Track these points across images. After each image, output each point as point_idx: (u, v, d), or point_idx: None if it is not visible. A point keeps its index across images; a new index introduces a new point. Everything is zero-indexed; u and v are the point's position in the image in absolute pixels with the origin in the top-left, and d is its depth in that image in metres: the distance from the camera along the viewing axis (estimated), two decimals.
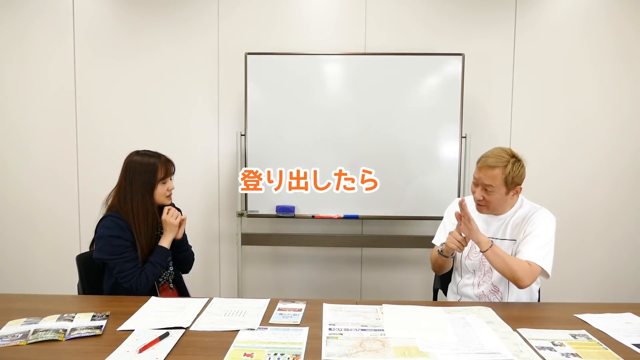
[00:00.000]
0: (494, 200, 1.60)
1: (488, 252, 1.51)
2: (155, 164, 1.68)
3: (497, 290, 1.67)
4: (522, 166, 1.59)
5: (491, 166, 1.57)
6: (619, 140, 2.81)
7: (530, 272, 1.51)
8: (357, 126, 2.63)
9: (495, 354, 1.13)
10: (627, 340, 1.23)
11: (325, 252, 2.90)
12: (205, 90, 2.85)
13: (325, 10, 2.80)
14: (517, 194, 1.64)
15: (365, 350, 1.14)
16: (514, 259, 1.53)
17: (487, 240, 1.53)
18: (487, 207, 1.64)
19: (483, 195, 1.61)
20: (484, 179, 1.58)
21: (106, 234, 1.61)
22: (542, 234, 1.57)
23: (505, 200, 1.63)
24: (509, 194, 1.61)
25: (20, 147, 2.89)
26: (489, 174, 1.57)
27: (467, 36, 2.76)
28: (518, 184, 1.59)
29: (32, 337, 1.22)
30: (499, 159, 1.57)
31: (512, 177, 1.56)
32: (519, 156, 1.61)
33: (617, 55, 2.76)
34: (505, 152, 1.60)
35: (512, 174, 1.55)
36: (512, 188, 1.59)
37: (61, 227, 2.92)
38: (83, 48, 2.84)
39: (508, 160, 1.56)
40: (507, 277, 1.54)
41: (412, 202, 2.64)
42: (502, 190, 1.58)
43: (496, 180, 1.56)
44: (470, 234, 1.53)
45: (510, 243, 1.65)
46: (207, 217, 2.92)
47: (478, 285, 1.71)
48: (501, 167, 1.56)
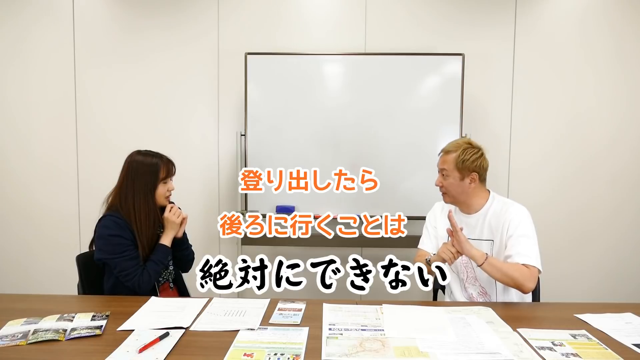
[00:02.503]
0: (450, 185, 1.66)
1: (485, 266, 1.51)
2: (158, 164, 1.69)
3: (485, 293, 1.68)
4: (476, 154, 1.63)
5: (447, 151, 1.68)
6: (618, 139, 2.81)
7: (530, 275, 1.52)
8: (357, 126, 2.63)
9: (495, 354, 1.13)
10: (627, 340, 1.23)
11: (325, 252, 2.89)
12: (205, 90, 2.85)
13: (325, 10, 2.80)
14: (474, 181, 1.64)
15: (365, 350, 1.14)
16: (511, 266, 1.52)
17: (481, 254, 1.52)
18: (447, 194, 1.70)
19: (441, 181, 1.69)
20: (440, 164, 1.70)
21: (106, 233, 1.60)
22: (526, 233, 1.58)
23: (462, 187, 1.65)
24: (464, 180, 1.64)
25: (21, 148, 2.89)
26: (444, 158, 1.68)
27: (467, 36, 2.76)
28: (473, 170, 1.62)
29: (32, 337, 1.22)
30: (455, 145, 1.67)
31: (463, 161, 1.62)
32: (476, 145, 1.67)
33: (616, 55, 2.76)
34: (463, 141, 1.70)
35: (463, 158, 1.62)
36: (467, 174, 1.63)
37: (61, 227, 2.92)
38: (83, 49, 2.84)
39: (461, 146, 1.65)
40: (510, 286, 1.55)
41: (412, 202, 2.64)
42: (455, 174, 1.64)
43: (450, 164, 1.65)
44: (463, 249, 1.51)
45: (488, 243, 1.65)
46: (207, 217, 2.92)
47: (465, 289, 1.72)
48: (455, 151, 1.65)
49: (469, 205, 1.69)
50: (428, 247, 1.78)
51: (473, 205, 1.69)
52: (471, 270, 1.69)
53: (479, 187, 1.67)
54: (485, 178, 1.69)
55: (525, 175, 2.84)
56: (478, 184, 1.65)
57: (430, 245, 1.79)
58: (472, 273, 1.68)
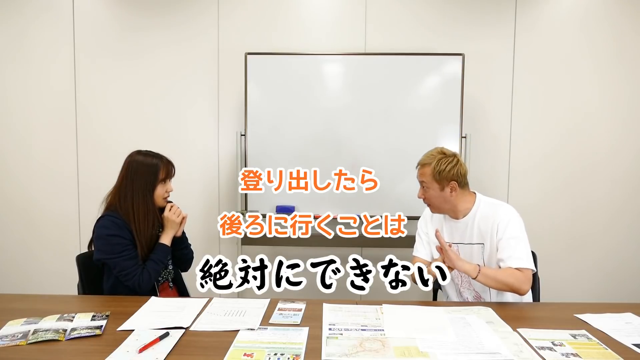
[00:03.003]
0: (432, 197, 1.67)
1: (479, 278, 1.51)
2: (158, 165, 1.69)
3: (480, 297, 1.68)
4: (451, 162, 1.62)
5: (422, 164, 1.68)
6: (618, 139, 2.81)
7: (525, 278, 1.52)
8: (357, 126, 2.63)
9: (495, 354, 1.13)
10: (627, 340, 1.23)
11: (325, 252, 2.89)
12: (205, 90, 2.85)
13: (325, 10, 2.80)
14: (454, 190, 1.64)
15: (365, 350, 1.14)
16: (505, 272, 1.53)
17: (473, 267, 1.51)
18: (431, 205, 1.70)
19: (422, 193, 1.70)
20: (419, 177, 1.70)
21: (104, 234, 1.60)
22: (516, 234, 1.58)
23: (444, 197, 1.64)
24: (444, 190, 1.64)
25: (21, 148, 2.89)
26: (421, 171, 1.68)
27: (467, 36, 2.76)
28: (451, 179, 1.62)
29: (32, 337, 1.22)
30: (429, 157, 1.67)
31: (439, 172, 1.61)
32: (450, 153, 1.66)
33: (616, 54, 2.76)
34: (436, 151, 1.68)
35: (439, 169, 1.61)
36: (446, 184, 1.63)
37: (61, 227, 2.92)
38: (83, 48, 2.84)
39: (435, 158, 1.64)
40: (507, 291, 1.57)
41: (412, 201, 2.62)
42: (435, 185, 1.64)
43: (427, 177, 1.65)
44: (454, 265, 1.51)
45: (478, 247, 1.66)
46: (207, 217, 2.92)
47: (461, 294, 1.73)
48: (429, 164, 1.64)
49: (456, 211, 1.69)
50: (422, 254, 1.77)
51: (460, 210, 1.68)
52: (465, 275, 1.68)
53: (462, 192, 1.66)
54: (466, 183, 1.68)
55: (525, 175, 2.84)
56: (459, 190, 1.65)
57: (424, 252, 1.78)
58: (467, 278, 1.68)
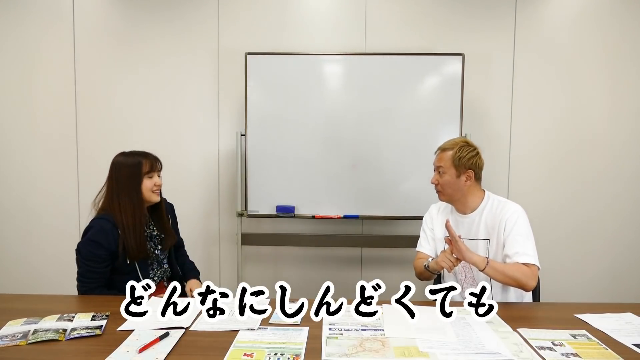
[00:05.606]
0: (446, 183, 1.67)
1: (487, 270, 1.51)
2: (140, 161, 1.71)
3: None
4: (472, 152, 1.65)
5: (443, 148, 1.70)
6: (619, 139, 2.81)
7: (532, 274, 1.53)
8: (357, 126, 2.62)
9: (495, 354, 1.13)
10: (627, 340, 1.23)
11: (325, 252, 2.90)
12: (205, 90, 2.85)
13: (325, 10, 2.80)
14: (469, 179, 1.65)
15: (365, 350, 1.14)
16: (512, 267, 1.53)
17: (482, 259, 1.52)
18: (443, 192, 1.70)
19: (437, 179, 1.70)
20: (436, 161, 1.71)
21: (89, 236, 1.64)
22: (523, 231, 1.59)
23: (458, 185, 1.66)
24: (460, 177, 1.65)
25: (21, 148, 2.89)
26: (440, 155, 1.70)
27: (467, 36, 2.76)
28: (469, 168, 1.64)
29: (32, 337, 1.22)
30: (452, 143, 1.69)
31: (459, 157, 1.64)
32: (475, 145, 1.69)
33: (617, 54, 2.75)
34: (460, 139, 1.72)
35: (460, 155, 1.64)
36: (463, 171, 1.64)
37: (61, 227, 2.92)
38: (83, 49, 2.84)
39: (458, 144, 1.67)
40: (513, 286, 1.57)
41: (412, 202, 2.64)
42: (452, 171, 1.65)
43: (446, 162, 1.66)
44: (463, 256, 1.51)
45: (484, 243, 1.67)
46: (207, 217, 2.92)
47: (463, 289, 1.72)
48: (452, 149, 1.67)
49: (465, 204, 1.70)
50: (427, 250, 1.79)
51: (468, 204, 1.70)
52: (469, 271, 1.70)
53: (474, 186, 1.68)
54: (480, 177, 1.70)
55: (525, 175, 2.84)
56: (473, 182, 1.67)
57: (428, 247, 1.79)
58: (470, 274, 1.69)
